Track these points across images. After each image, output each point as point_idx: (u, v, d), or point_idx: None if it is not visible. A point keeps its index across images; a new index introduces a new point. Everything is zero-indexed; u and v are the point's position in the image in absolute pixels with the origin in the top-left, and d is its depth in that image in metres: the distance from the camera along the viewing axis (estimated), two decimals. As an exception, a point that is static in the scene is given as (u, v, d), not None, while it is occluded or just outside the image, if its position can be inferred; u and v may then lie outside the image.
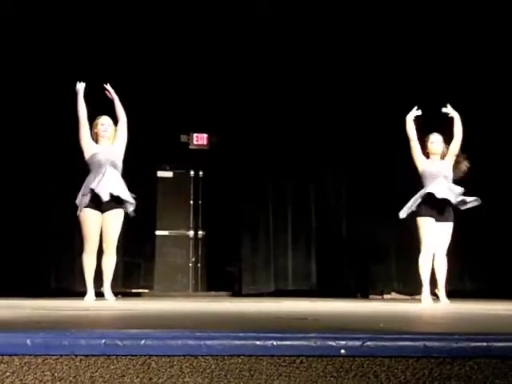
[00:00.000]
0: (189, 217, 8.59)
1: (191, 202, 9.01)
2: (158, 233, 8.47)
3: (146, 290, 8.36)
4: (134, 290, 8.34)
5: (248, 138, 8.94)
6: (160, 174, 8.94)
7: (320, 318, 3.60)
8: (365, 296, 8.82)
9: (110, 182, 6.24)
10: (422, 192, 6.75)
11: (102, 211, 6.30)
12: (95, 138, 6.53)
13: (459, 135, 6.78)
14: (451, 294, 8.47)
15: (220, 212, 8.92)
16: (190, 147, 9.12)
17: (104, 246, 6.35)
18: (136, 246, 8.46)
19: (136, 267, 8.47)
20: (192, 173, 9.14)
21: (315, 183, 9.08)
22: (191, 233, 8.58)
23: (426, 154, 6.85)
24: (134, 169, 8.52)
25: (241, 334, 2.29)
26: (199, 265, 9.04)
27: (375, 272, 8.97)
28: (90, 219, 6.26)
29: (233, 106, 8.89)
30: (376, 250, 8.91)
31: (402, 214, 6.80)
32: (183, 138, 9.27)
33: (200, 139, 9.20)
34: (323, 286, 9.01)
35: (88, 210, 6.27)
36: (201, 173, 9.15)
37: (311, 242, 9.07)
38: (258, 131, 8.89)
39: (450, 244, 8.42)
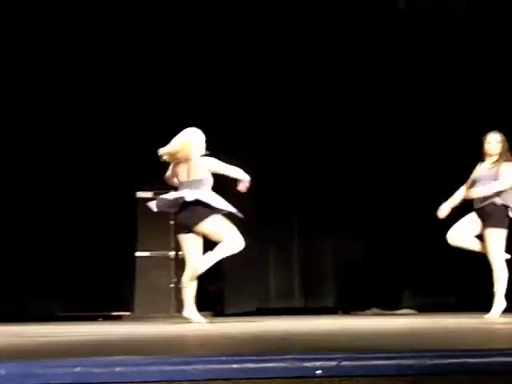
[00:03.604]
0: (170, 237, 8.52)
1: (172, 222, 8.96)
2: (138, 254, 8.41)
3: (127, 313, 8.30)
4: (114, 313, 8.28)
5: (228, 155, 8.93)
6: (140, 194, 8.90)
7: (299, 337, 3.61)
8: (346, 312, 8.82)
9: None
10: None
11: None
12: None
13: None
14: (424, 308, 8.55)
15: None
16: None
17: None
18: (116, 268, 8.42)
19: (116, 289, 8.41)
20: (172, 193, 9.09)
21: (296, 200, 9.08)
22: (172, 253, 8.50)
23: (483, 156, 6.51)
24: (113, 189, 8.55)
25: (216, 358, 2.29)
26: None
27: (357, 288, 8.97)
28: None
29: (216, 125, 8.90)
30: (357, 266, 8.92)
31: None
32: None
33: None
34: (306, 303, 9.01)
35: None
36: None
37: (293, 260, 9.07)
38: (239, 149, 8.88)
39: (424, 255, 8.49)
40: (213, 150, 8.73)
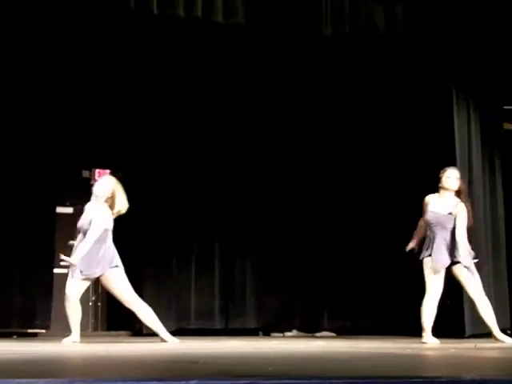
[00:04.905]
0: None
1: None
2: (55, 270, 8.26)
3: (43, 330, 8.11)
4: (29, 331, 8.08)
5: (151, 173, 8.88)
6: (59, 209, 8.76)
7: (211, 360, 3.57)
8: (266, 334, 8.82)
9: None
10: None
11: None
12: None
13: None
14: (343, 331, 8.64)
15: (121, 249, 8.77)
16: (92, 183, 8.96)
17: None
18: (33, 284, 8.23)
19: (32, 306, 8.22)
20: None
21: (218, 220, 9.05)
22: (91, 271, 8.37)
23: (438, 188, 6.48)
24: (33, 204, 8.37)
25: (119, 383, 2.24)
26: (99, 303, 8.87)
27: (277, 310, 8.99)
28: None
29: (136, 142, 8.83)
30: (278, 289, 8.93)
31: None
32: (85, 173, 9.15)
33: (102, 175, 9.09)
34: (226, 324, 8.97)
35: None
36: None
37: (214, 280, 9.03)
38: (161, 167, 8.84)
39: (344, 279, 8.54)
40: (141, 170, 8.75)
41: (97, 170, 9.13)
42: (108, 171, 9.17)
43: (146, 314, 6.39)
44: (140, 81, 8.58)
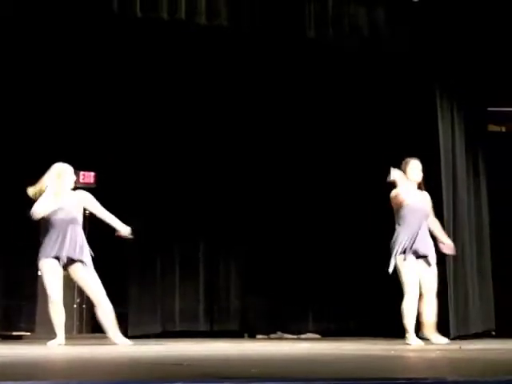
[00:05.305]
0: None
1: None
2: (40, 273, 8.22)
3: (28, 333, 8.08)
4: (14, 333, 8.05)
5: (135, 176, 8.86)
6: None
7: (196, 362, 3.57)
8: (251, 336, 8.82)
9: None
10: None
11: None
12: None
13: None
14: (328, 333, 8.65)
15: (106, 252, 8.75)
16: (76, 185, 8.93)
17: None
18: (17, 287, 8.20)
19: (17, 309, 8.19)
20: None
21: (202, 223, 9.05)
22: (76, 273, 8.35)
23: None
24: (17, 206, 8.32)
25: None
26: (84, 306, 8.83)
27: (262, 312, 9.00)
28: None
29: (121, 144, 8.81)
30: (264, 290, 8.94)
31: None
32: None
33: (86, 177, 9.07)
34: (211, 326, 8.96)
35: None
36: (87, 212, 8.96)
37: (199, 282, 9.02)
38: (145, 170, 8.82)
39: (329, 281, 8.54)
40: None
41: (81, 173, 9.09)
42: (93, 173, 9.16)
43: (106, 310, 6.39)
44: (124, 83, 8.56)
